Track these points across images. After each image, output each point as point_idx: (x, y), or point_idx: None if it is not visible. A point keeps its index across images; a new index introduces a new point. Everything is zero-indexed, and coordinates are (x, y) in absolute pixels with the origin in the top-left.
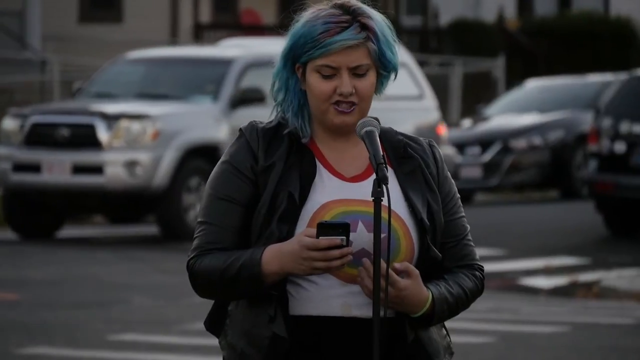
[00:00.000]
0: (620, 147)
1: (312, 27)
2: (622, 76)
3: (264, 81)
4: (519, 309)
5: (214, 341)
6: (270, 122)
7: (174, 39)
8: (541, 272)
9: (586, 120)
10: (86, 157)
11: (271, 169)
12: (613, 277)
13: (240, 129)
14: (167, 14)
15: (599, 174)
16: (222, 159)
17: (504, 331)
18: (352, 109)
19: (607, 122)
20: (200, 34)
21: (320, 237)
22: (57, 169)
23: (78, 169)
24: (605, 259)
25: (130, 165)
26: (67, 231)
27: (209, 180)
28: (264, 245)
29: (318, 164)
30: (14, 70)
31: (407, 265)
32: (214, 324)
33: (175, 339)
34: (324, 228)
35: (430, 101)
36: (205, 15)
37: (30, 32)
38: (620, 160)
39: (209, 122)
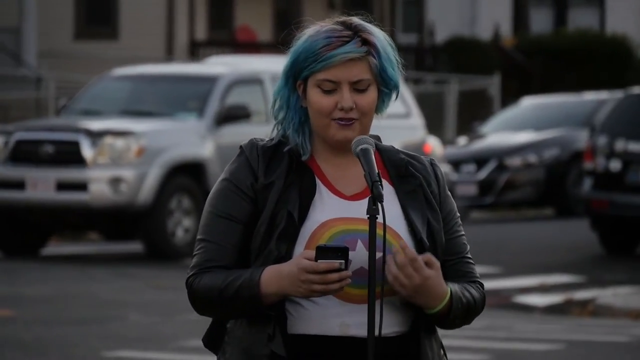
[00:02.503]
0: (615, 165)
1: (313, 42)
2: (617, 94)
3: (250, 98)
4: (513, 326)
5: (210, 358)
6: (271, 139)
7: (169, 56)
8: (536, 289)
9: (581, 138)
10: (70, 173)
11: (271, 187)
12: (608, 295)
13: (241, 147)
14: (162, 31)
15: (594, 192)
16: (222, 176)
17: (499, 349)
18: (353, 123)
19: (602, 140)
20: (195, 51)
21: (318, 261)
22: (42, 185)
23: (62, 186)
24: (600, 276)
25: (115, 182)
26: (62, 248)
27: (208, 197)
28: (263, 264)
29: (318, 182)
30: (9, 87)
31: (430, 257)
32: (212, 341)
33: (171, 356)
34: (323, 251)
35: (416, 119)
36: (201, 33)
37: (25, 49)
38: (615, 179)
39: (193, 139)
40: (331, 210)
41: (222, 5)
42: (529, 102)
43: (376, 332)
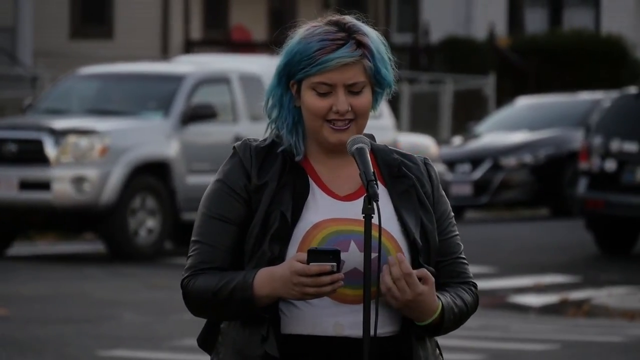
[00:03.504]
0: (610, 165)
1: (307, 45)
2: (612, 94)
3: (217, 97)
4: (509, 326)
5: (203, 358)
6: (264, 140)
7: (164, 55)
8: (531, 289)
9: (576, 138)
10: (33, 172)
11: (264, 188)
12: (603, 295)
13: (234, 147)
14: (157, 30)
15: (589, 192)
16: (215, 177)
17: (494, 349)
18: (347, 126)
19: (597, 140)
20: (190, 50)
21: (310, 263)
22: (4, 184)
23: (25, 185)
24: (595, 277)
25: (78, 181)
26: (56, 247)
27: (202, 199)
28: (257, 266)
29: (311, 182)
30: (4, 86)
31: (425, 272)
32: (206, 342)
33: (165, 355)
34: (315, 254)
35: (387, 120)
36: (196, 32)
37: (21, 48)
38: (610, 179)
39: (159, 139)
40: (324, 211)
41: (217, 5)
42: (524, 102)
43: (372, 333)
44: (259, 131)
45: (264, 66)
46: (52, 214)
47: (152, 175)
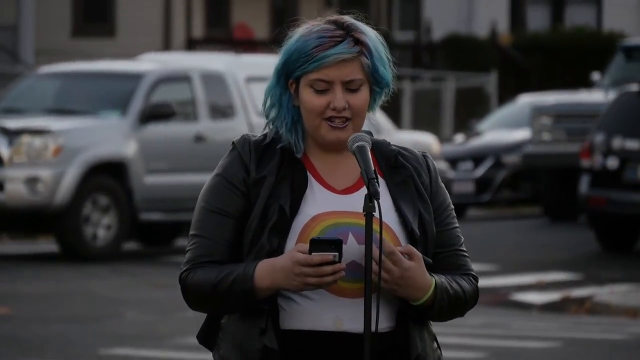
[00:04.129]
0: (612, 162)
1: (305, 42)
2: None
3: (177, 96)
4: (510, 324)
5: (206, 355)
6: (264, 136)
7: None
8: (533, 287)
9: None
10: None
11: (262, 181)
12: (605, 293)
13: (233, 142)
14: (159, 28)
15: (591, 190)
16: (214, 172)
17: (496, 346)
18: (345, 124)
19: (599, 138)
20: (193, 48)
21: (312, 253)
22: None
23: None
24: (597, 274)
25: (31, 181)
26: (55, 245)
27: (201, 193)
28: (255, 259)
29: (309, 176)
30: (6, 84)
31: (410, 248)
32: (207, 338)
33: (167, 353)
34: (317, 244)
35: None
36: (198, 30)
37: (23, 46)
38: (612, 176)
39: (116, 138)
40: (322, 204)
41: (219, 3)
42: (526, 100)
43: (373, 328)
44: (219, 129)
45: (227, 64)
46: (4, 215)
47: (108, 176)
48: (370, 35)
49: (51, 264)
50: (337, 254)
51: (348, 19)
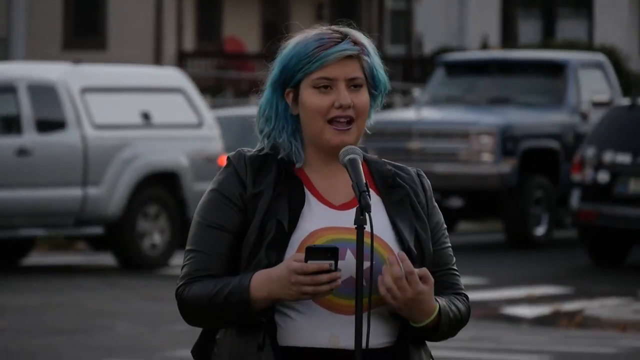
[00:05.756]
0: (603, 176)
1: (304, 46)
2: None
3: (1, 107)
4: (501, 337)
5: None
6: (260, 150)
7: (157, 66)
8: (524, 301)
9: None
10: None
11: (259, 196)
12: (596, 307)
13: (228, 157)
14: (150, 41)
15: (582, 204)
16: (210, 187)
17: None
18: (349, 127)
19: (590, 152)
20: (184, 61)
21: (308, 262)
22: None
23: None
24: (588, 288)
25: None
26: (48, 258)
27: (197, 208)
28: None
29: (307, 191)
30: None
31: (426, 271)
32: (201, 353)
33: None
34: (312, 252)
35: (211, 130)
36: (189, 43)
37: (14, 59)
38: (603, 190)
39: None
40: (320, 219)
41: (210, 16)
42: None
43: (363, 345)
44: (46, 143)
45: (62, 74)
46: None
47: None
48: (365, 41)
49: (41, 276)
50: (332, 262)
51: (342, 27)
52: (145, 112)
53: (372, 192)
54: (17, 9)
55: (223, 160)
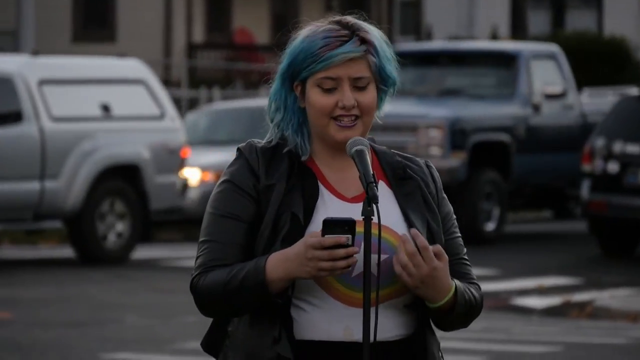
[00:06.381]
0: (613, 167)
1: (311, 43)
2: (615, 96)
3: None
4: (511, 328)
5: None
6: (269, 141)
7: (167, 58)
8: (534, 292)
9: None
10: None
11: (272, 188)
12: (606, 297)
13: (239, 148)
14: (160, 33)
15: (592, 194)
16: (222, 178)
17: (497, 351)
18: (354, 123)
19: (600, 142)
20: (193, 53)
21: (325, 236)
22: None
23: None
24: (598, 278)
25: None
26: (58, 250)
27: (209, 200)
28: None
29: (320, 184)
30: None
31: (440, 248)
32: (212, 345)
33: (168, 358)
34: (330, 225)
35: (173, 122)
36: (199, 35)
37: (23, 52)
38: (613, 180)
39: None
40: (334, 212)
41: (220, 8)
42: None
43: (372, 337)
44: (2, 136)
45: (19, 66)
46: None
47: None
48: (375, 34)
49: (51, 268)
50: (350, 236)
51: (351, 19)
52: (105, 104)
53: (382, 184)
54: (26, 1)
55: (186, 153)
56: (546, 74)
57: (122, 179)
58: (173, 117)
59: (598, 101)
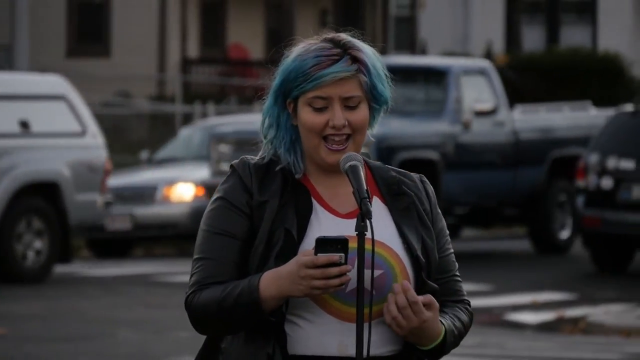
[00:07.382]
0: (607, 182)
1: (302, 62)
2: (609, 112)
3: None
4: (505, 344)
5: None
6: (262, 158)
7: (161, 73)
8: (528, 307)
9: None
10: None
11: (265, 205)
12: (600, 313)
13: (232, 165)
14: (155, 48)
15: (586, 210)
16: (215, 195)
17: None
18: (345, 145)
19: (594, 158)
20: (188, 68)
21: (318, 254)
22: None
23: None
24: (592, 294)
25: None
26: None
27: (203, 218)
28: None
29: (313, 201)
30: None
31: (431, 298)
32: None
33: None
34: (322, 244)
35: (94, 138)
36: (193, 50)
37: (17, 66)
38: (607, 196)
39: None
40: (328, 228)
41: (214, 23)
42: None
43: (365, 353)
44: None
45: None
46: None
47: None
48: (367, 52)
49: (45, 283)
50: (343, 255)
51: (345, 36)
52: (24, 121)
53: (377, 200)
54: (20, 16)
55: (108, 171)
56: (477, 90)
57: (41, 197)
58: (95, 134)
59: (531, 118)
